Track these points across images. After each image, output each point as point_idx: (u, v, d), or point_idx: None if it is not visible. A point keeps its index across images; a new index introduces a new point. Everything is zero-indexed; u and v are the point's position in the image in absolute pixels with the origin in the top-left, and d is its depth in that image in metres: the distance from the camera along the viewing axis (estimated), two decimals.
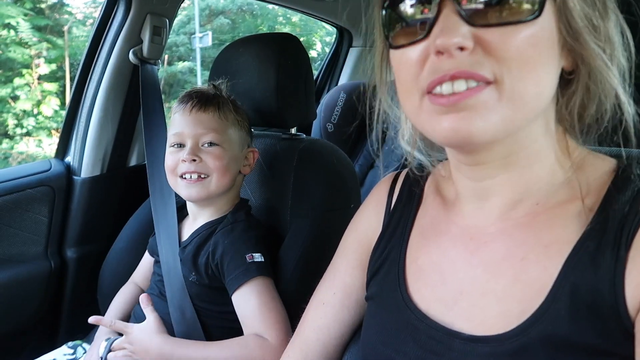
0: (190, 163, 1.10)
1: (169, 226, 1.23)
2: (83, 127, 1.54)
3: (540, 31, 0.50)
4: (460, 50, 0.50)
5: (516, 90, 0.50)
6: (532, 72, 0.50)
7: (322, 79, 2.52)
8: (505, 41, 0.49)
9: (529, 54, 0.50)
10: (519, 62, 0.50)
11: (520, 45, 0.49)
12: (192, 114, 1.12)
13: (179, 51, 8.93)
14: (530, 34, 0.50)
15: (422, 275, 0.66)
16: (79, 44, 6.92)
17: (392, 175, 0.80)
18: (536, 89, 0.51)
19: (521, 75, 0.50)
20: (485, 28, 0.50)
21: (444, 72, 0.50)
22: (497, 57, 0.50)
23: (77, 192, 1.53)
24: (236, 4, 9.08)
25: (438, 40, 0.50)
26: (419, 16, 0.53)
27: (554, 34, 0.52)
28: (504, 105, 0.50)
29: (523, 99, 0.51)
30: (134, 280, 1.34)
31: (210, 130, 1.11)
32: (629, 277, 0.50)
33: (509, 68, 0.50)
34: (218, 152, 1.11)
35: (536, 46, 0.50)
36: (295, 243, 1.17)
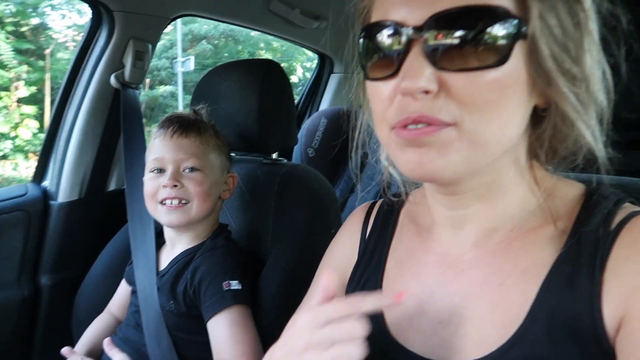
0: (171, 189, 1.09)
1: (147, 253, 1.20)
2: (62, 151, 1.52)
3: (506, 76, 0.50)
4: (425, 93, 0.50)
5: (478, 132, 0.51)
6: (495, 115, 0.51)
7: (303, 104, 2.55)
8: (470, 86, 0.50)
9: (493, 99, 0.50)
10: (482, 106, 0.50)
11: (484, 90, 0.50)
12: (173, 139, 1.11)
13: (161, 75, 8.94)
14: (495, 79, 0.50)
15: (399, 306, 0.66)
16: (61, 67, 6.88)
17: (367, 204, 0.80)
18: (499, 131, 0.52)
19: (483, 119, 0.50)
20: (451, 72, 0.50)
21: (408, 114, 0.52)
22: (460, 101, 0.50)
23: (54, 217, 1.50)
24: (219, 29, 9.17)
25: (403, 83, 0.51)
26: (390, 48, 0.53)
27: (523, 76, 0.51)
28: (464, 146, 0.51)
29: (484, 141, 0.51)
30: (109, 309, 1.30)
31: (192, 155, 1.11)
32: (606, 298, 0.51)
33: (470, 112, 0.50)
34: (199, 178, 1.10)
35: (501, 90, 0.50)
36: (276, 269, 1.16)
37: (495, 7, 0.49)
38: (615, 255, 0.52)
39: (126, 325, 1.19)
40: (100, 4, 1.38)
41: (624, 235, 0.53)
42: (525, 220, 0.59)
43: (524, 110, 0.54)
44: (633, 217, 0.54)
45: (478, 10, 0.49)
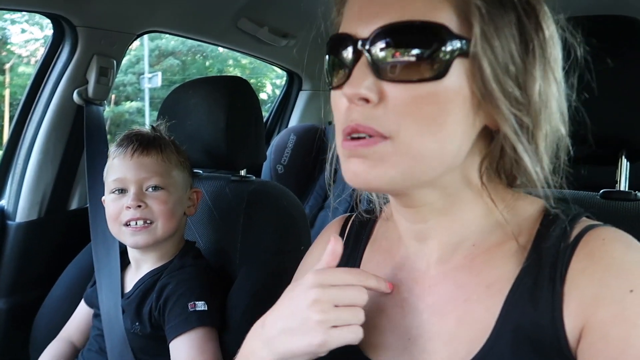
0: (135, 209, 1.06)
1: (111, 274, 1.17)
2: (20, 169, 1.47)
3: (444, 91, 0.51)
4: (365, 102, 0.52)
5: (414, 145, 0.52)
6: (432, 129, 0.52)
7: (272, 121, 2.55)
8: (407, 98, 0.51)
9: (429, 112, 0.51)
10: (419, 119, 0.51)
11: (420, 103, 0.51)
12: (133, 158, 1.08)
13: (127, 91, 8.81)
14: (432, 93, 0.51)
15: (370, 323, 0.65)
16: (21, 82, 6.70)
17: (342, 218, 0.80)
18: (436, 145, 0.52)
19: (420, 132, 0.52)
20: (390, 82, 0.52)
21: (348, 123, 0.54)
22: (397, 112, 0.51)
23: (11, 238, 1.44)
24: (187, 45, 9.13)
25: (345, 89, 0.53)
26: (344, 59, 0.56)
27: (465, 94, 0.52)
28: (400, 159, 0.52)
29: (421, 155, 0.52)
30: (65, 335, 1.23)
31: (154, 174, 1.08)
32: (567, 310, 0.53)
33: (407, 124, 0.51)
34: (163, 197, 1.08)
35: (438, 105, 0.51)
36: (244, 287, 1.14)
37: (437, 24, 0.51)
38: (573, 268, 0.54)
39: (88, 350, 1.14)
40: (63, 19, 1.35)
41: (581, 249, 0.55)
42: (488, 235, 0.61)
43: (466, 127, 0.54)
44: (588, 230, 0.56)
45: (419, 26, 0.51)
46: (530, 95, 0.53)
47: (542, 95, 0.53)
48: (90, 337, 1.17)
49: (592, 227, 0.56)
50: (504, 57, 0.51)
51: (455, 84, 0.51)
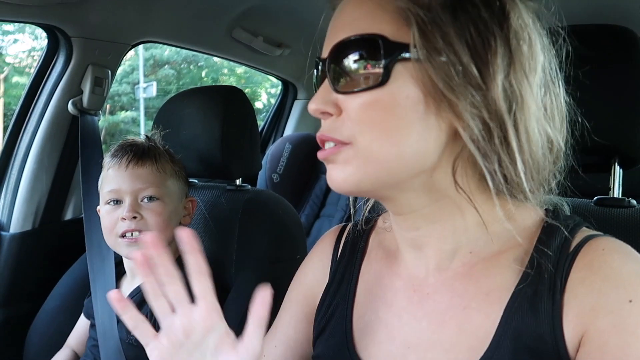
0: (131, 220, 1.05)
1: (106, 284, 1.16)
2: (15, 179, 1.46)
3: (390, 96, 0.53)
4: (329, 115, 0.57)
5: (372, 150, 0.55)
6: (386, 133, 0.54)
7: (267, 130, 2.55)
8: (358, 107, 0.54)
9: (380, 118, 0.54)
10: (371, 125, 0.54)
11: (369, 110, 0.54)
12: (128, 168, 1.08)
13: (122, 101, 8.80)
14: (377, 99, 0.53)
15: (369, 332, 0.65)
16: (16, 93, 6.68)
17: (338, 227, 0.80)
18: (394, 149, 0.54)
19: (374, 136, 0.54)
20: (344, 95, 0.55)
21: (318, 134, 0.58)
22: (353, 121, 0.55)
23: (5, 249, 1.43)
24: (181, 55, 9.14)
25: (309, 105, 0.58)
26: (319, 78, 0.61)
27: (415, 97, 0.53)
28: (361, 162, 0.55)
29: (380, 158, 0.55)
30: (69, 344, 1.24)
31: (149, 184, 1.08)
32: (566, 319, 0.53)
33: (362, 131, 0.54)
34: (158, 208, 1.08)
35: (386, 110, 0.53)
36: (239, 296, 1.14)
37: (373, 35, 0.53)
38: (572, 278, 0.54)
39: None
40: (58, 30, 1.36)
41: (580, 259, 0.55)
42: (486, 243, 0.60)
43: (425, 130, 0.54)
44: (588, 240, 0.56)
45: (358, 39, 0.54)
46: (492, 94, 0.51)
47: (509, 93, 0.52)
48: (86, 349, 1.16)
49: (591, 237, 0.57)
50: (453, 58, 0.51)
51: (400, 89, 0.53)
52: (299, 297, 0.77)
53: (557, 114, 0.57)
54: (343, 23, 0.56)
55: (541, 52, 0.54)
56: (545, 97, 0.55)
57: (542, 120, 0.54)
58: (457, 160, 0.56)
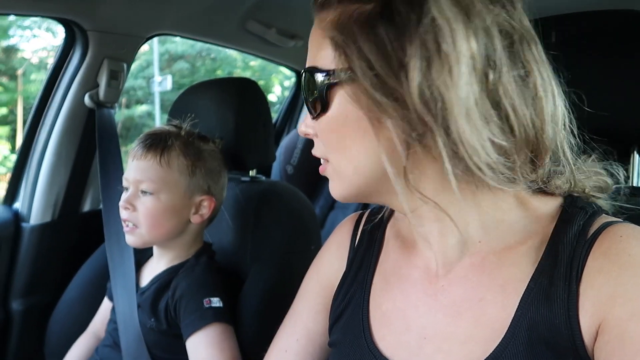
0: (125, 210, 1.07)
1: (125, 272, 1.18)
2: (34, 172, 1.49)
3: (334, 119, 0.58)
4: (312, 135, 0.64)
5: (339, 166, 0.61)
6: (343, 151, 0.59)
7: (281, 121, 2.56)
8: (319, 131, 0.62)
9: (334, 138, 0.60)
10: (331, 145, 0.61)
11: (325, 132, 0.61)
12: (135, 159, 1.09)
13: (138, 95, 8.87)
14: (328, 122, 0.59)
15: (386, 322, 0.66)
16: (34, 88, 6.78)
17: (355, 215, 0.80)
18: (352, 164, 0.59)
19: (337, 155, 0.61)
20: (313, 120, 0.62)
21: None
22: (322, 142, 0.62)
23: (26, 240, 1.46)
24: (195, 48, 9.17)
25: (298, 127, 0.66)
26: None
27: (354, 116, 0.56)
28: (339, 177, 0.62)
29: (344, 172, 0.60)
30: (92, 329, 1.26)
31: (146, 178, 1.06)
32: (582, 309, 0.52)
33: (327, 151, 0.62)
34: (150, 203, 1.05)
35: (336, 131, 0.59)
36: (255, 287, 1.15)
37: (311, 68, 0.59)
38: (589, 266, 0.53)
39: (103, 345, 1.16)
40: (74, 24, 1.37)
41: (597, 247, 0.54)
42: (501, 234, 0.60)
43: (375, 142, 0.55)
44: (605, 227, 0.55)
45: (306, 72, 0.60)
46: (411, 100, 0.50)
47: (427, 96, 0.49)
48: (106, 332, 1.18)
49: (609, 224, 0.56)
50: (368, 72, 0.52)
51: (339, 110, 0.57)
52: (316, 287, 0.78)
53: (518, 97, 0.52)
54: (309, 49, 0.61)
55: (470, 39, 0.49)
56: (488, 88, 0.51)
57: (477, 115, 0.50)
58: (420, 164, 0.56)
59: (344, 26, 0.54)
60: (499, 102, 0.51)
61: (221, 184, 1.17)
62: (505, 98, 0.51)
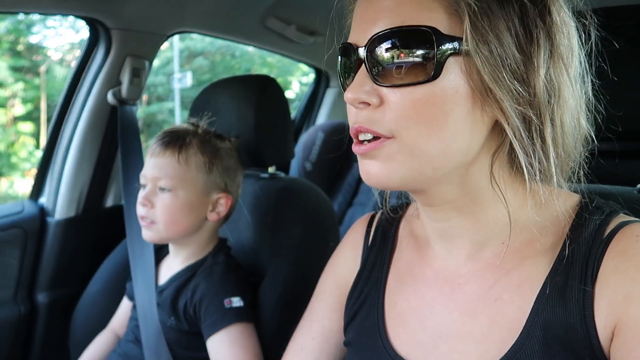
0: (143, 207, 1.08)
1: (145, 269, 1.20)
2: (59, 168, 1.52)
3: (441, 91, 0.52)
4: (366, 105, 0.54)
5: (418, 145, 0.53)
6: (435, 129, 0.53)
7: (300, 118, 2.56)
8: (404, 102, 0.52)
9: (428, 113, 0.52)
10: (418, 120, 0.52)
11: (417, 105, 0.52)
12: (153, 156, 1.10)
13: (158, 91, 8.97)
14: (427, 94, 0.52)
15: (401, 321, 0.66)
16: (57, 85, 6.90)
17: (368, 216, 0.81)
18: (441, 145, 0.53)
19: (422, 132, 0.53)
20: (388, 87, 0.53)
21: (352, 125, 0.56)
22: (397, 115, 0.53)
23: (51, 234, 1.49)
24: (215, 45, 9.23)
25: (347, 93, 0.55)
26: (350, 66, 0.58)
27: (465, 92, 0.52)
28: (407, 158, 0.54)
29: (426, 154, 0.54)
30: (111, 327, 1.29)
31: (164, 175, 1.07)
32: (598, 309, 0.52)
33: (407, 126, 0.53)
34: (167, 200, 1.07)
35: (436, 106, 0.52)
36: (274, 283, 1.16)
37: (426, 27, 0.51)
38: (605, 266, 0.53)
39: (125, 340, 1.18)
40: (98, 22, 1.39)
41: (613, 246, 0.54)
42: (517, 233, 0.60)
43: (471, 124, 0.53)
44: (622, 227, 0.55)
45: (410, 30, 0.52)
46: (534, 86, 0.52)
47: (549, 85, 0.52)
48: (128, 328, 1.20)
49: (625, 223, 0.55)
50: (500, 50, 0.50)
51: (451, 83, 0.52)
52: (331, 286, 0.78)
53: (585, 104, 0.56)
54: (383, 8, 0.53)
55: (577, 45, 0.54)
56: (580, 89, 0.55)
57: (577, 112, 0.54)
58: (496, 153, 0.56)
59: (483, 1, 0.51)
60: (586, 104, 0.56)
61: (237, 182, 1.18)
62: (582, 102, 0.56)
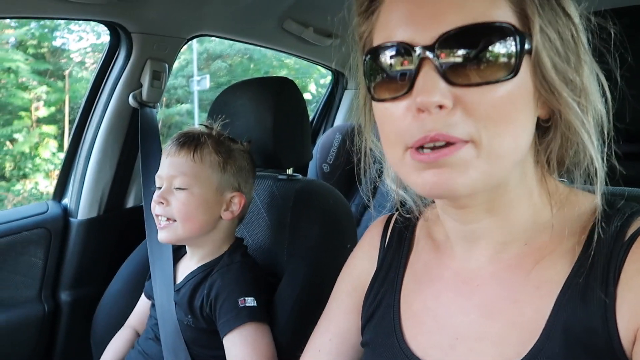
0: (159, 205, 1.10)
1: (164, 268, 1.22)
2: (81, 169, 1.55)
3: (517, 88, 0.51)
4: (439, 109, 0.50)
5: (494, 146, 0.51)
6: (509, 127, 0.52)
7: (317, 120, 2.57)
8: (483, 101, 0.50)
9: (506, 112, 0.51)
10: (497, 120, 0.51)
11: (497, 104, 0.50)
12: (168, 156, 1.13)
13: (177, 94, 9.08)
14: (507, 92, 0.51)
15: (417, 321, 0.65)
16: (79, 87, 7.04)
17: (384, 217, 0.80)
18: (513, 143, 0.53)
19: (498, 132, 0.51)
20: (464, 87, 0.50)
21: (425, 133, 0.51)
22: (476, 116, 0.51)
23: (74, 234, 1.52)
24: (234, 48, 9.30)
25: (418, 98, 0.50)
26: (399, 68, 0.53)
27: (530, 88, 0.53)
28: (483, 162, 0.51)
29: (500, 155, 0.52)
30: (130, 324, 1.31)
31: (180, 173, 1.10)
32: (620, 312, 0.51)
33: (486, 126, 0.51)
34: (184, 197, 1.09)
35: (514, 103, 0.51)
36: (291, 285, 1.16)
37: (501, 24, 0.50)
38: (627, 269, 0.52)
39: (145, 338, 1.20)
40: (119, 27, 1.42)
41: (636, 248, 0.53)
42: (538, 234, 0.59)
43: (532, 121, 0.55)
44: None
45: (485, 28, 0.50)
46: (582, 79, 0.54)
47: (589, 78, 0.55)
48: (147, 326, 1.22)
49: None
50: (561, 46, 0.52)
51: (524, 80, 0.52)
52: (348, 287, 0.78)
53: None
54: (448, 3, 0.51)
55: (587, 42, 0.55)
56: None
57: (599, 106, 0.56)
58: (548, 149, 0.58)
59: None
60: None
61: (250, 183, 1.21)
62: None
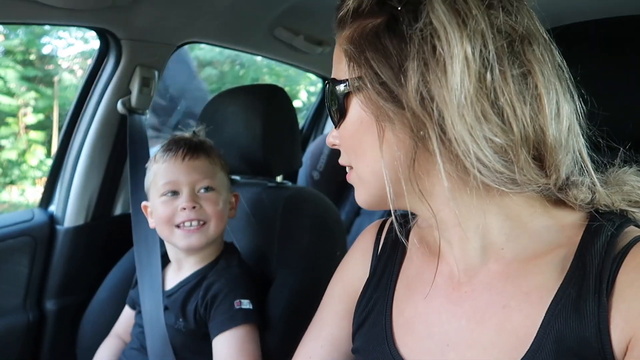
0: (190, 210, 1.09)
1: (152, 275, 1.21)
2: (68, 176, 1.53)
3: (351, 125, 0.62)
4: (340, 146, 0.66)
5: (359, 172, 0.63)
6: (361, 157, 0.62)
7: (308, 127, 2.57)
8: (342, 138, 0.65)
9: (352, 144, 0.63)
10: (350, 151, 0.64)
11: (345, 139, 0.64)
12: (185, 161, 1.12)
13: None
14: (346, 129, 0.63)
15: (409, 328, 0.65)
16: (69, 94, 6.97)
17: (378, 222, 0.81)
18: (369, 169, 0.61)
19: (356, 161, 0.63)
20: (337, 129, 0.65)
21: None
22: (344, 150, 0.66)
23: (60, 242, 1.50)
24: (224, 55, 9.30)
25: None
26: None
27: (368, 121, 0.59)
28: (360, 183, 0.64)
29: (365, 178, 0.63)
30: (116, 332, 1.30)
31: (205, 175, 1.12)
32: (614, 322, 0.51)
33: (349, 157, 0.65)
34: (214, 197, 1.12)
35: (354, 137, 0.62)
36: (281, 292, 1.16)
37: (329, 79, 0.63)
38: (620, 280, 0.52)
39: (130, 348, 1.18)
40: (108, 33, 1.41)
41: (630, 260, 0.53)
42: (525, 241, 0.59)
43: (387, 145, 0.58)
44: (638, 241, 0.54)
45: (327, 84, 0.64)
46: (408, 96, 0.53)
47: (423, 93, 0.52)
48: (132, 335, 1.21)
49: None
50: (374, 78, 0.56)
51: (355, 116, 0.61)
52: (341, 293, 0.78)
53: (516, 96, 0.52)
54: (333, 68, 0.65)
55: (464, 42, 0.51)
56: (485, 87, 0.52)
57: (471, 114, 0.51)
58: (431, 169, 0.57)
59: (355, 40, 0.58)
60: (496, 101, 0.52)
61: None
62: (502, 97, 0.52)
